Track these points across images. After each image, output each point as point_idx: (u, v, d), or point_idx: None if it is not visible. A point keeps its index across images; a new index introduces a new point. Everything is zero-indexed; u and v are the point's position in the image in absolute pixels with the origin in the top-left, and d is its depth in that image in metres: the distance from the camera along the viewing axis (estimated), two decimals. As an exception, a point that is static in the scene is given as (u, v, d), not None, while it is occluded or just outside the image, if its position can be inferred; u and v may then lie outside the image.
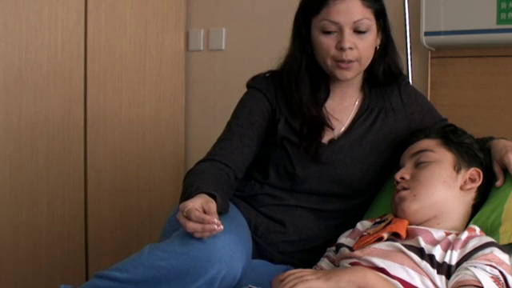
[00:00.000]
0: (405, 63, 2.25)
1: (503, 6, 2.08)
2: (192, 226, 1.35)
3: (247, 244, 1.52)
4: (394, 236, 1.43)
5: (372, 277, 1.29)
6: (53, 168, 2.36)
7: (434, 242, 1.38)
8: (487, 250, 1.33)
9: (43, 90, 2.32)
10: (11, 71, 2.23)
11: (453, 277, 1.30)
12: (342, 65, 1.60)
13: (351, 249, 1.48)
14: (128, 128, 2.61)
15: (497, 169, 1.56)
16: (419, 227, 1.44)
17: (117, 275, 1.41)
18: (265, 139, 1.72)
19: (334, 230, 1.65)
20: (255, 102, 1.72)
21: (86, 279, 2.42)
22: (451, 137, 1.56)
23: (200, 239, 1.38)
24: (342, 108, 1.72)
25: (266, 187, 1.71)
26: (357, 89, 1.74)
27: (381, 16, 1.65)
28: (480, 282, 1.25)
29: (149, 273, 1.39)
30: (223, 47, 2.83)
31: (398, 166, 1.60)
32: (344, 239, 1.56)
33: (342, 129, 1.71)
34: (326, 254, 1.60)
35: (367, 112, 1.72)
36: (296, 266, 1.53)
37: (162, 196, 2.71)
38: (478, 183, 1.52)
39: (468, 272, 1.28)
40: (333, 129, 1.69)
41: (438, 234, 1.41)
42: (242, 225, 1.61)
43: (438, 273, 1.32)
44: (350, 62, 1.60)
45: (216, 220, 1.35)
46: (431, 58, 2.29)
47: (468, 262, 1.31)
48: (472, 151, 1.55)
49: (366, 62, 1.65)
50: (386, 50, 1.70)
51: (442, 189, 1.48)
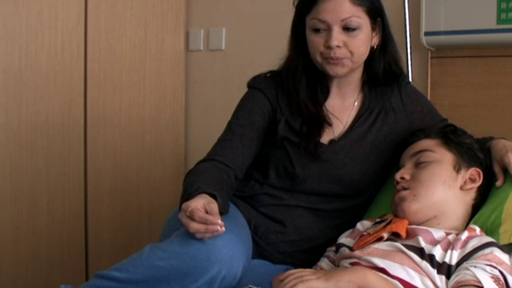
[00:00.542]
0: (405, 63, 2.25)
1: (503, 5, 2.08)
2: (195, 226, 1.35)
3: (247, 244, 1.52)
4: (394, 236, 1.43)
5: (372, 277, 1.29)
6: (53, 168, 2.36)
7: (434, 242, 1.38)
8: (487, 250, 1.33)
9: (43, 90, 2.32)
10: (11, 71, 2.23)
11: (453, 277, 1.30)
12: (331, 60, 1.61)
13: (351, 249, 1.48)
14: (128, 128, 2.61)
15: (497, 169, 1.56)
16: (419, 227, 1.44)
17: (117, 275, 1.41)
18: (265, 139, 1.72)
19: (334, 230, 1.65)
20: (256, 102, 1.72)
21: (86, 279, 2.42)
22: (451, 137, 1.56)
23: (200, 239, 1.38)
24: (343, 108, 1.72)
25: (266, 187, 1.71)
26: (356, 88, 1.74)
27: (376, 14, 1.64)
28: (480, 282, 1.25)
29: (149, 273, 1.39)
30: (223, 47, 2.83)
31: (397, 166, 1.60)
32: (344, 239, 1.56)
33: (343, 129, 1.71)
34: (326, 253, 1.60)
35: (367, 112, 1.72)
36: (296, 266, 1.53)
37: (162, 196, 2.71)
38: (478, 183, 1.52)
39: (468, 272, 1.28)
40: (331, 125, 1.69)
41: (438, 233, 1.41)
42: (242, 225, 1.61)
43: (438, 273, 1.32)
44: (339, 58, 1.61)
45: (219, 221, 1.35)
46: (431, 57, 2.29)
47: (468, 261, 1.31)
48: (472, 151, 1.55)
49: (359, 59, 1.65)
50: (385, 49, 1.69)
51: (442, 189, 1.48)
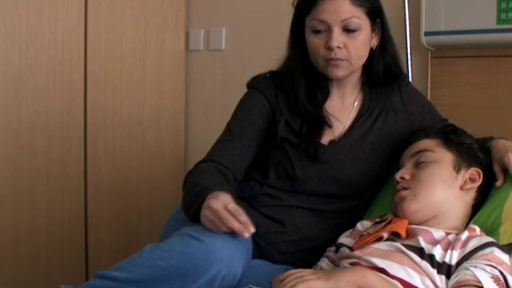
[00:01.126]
0: (405, 63, 2.25)
1: (503, 5, 2.08)
2: (237, 225, 1.37)
3: (247, 244, 1.52)
4: (394, 236, 1.43)
5: (372, 277, 1.29)
6: (53, 168, 2.36)
7: (434, 242, 1.38)
8: (487, 250, 1.33)
9: (43, 90, 2.32)
10: (11, 71, 2.23)
11: (453, 277, 1.30)
12: (332, 62, 1.61)
13: (351, 249, 1.48)
14: (128, 128, 2.61)
15: (497, 169, 1.56)
16: (419, 227, 1.44)
17: (117, 275, 1.41)
18: (264, 140, 1.72)
19: (334, 230, 1.64)
20: (255, 103, 1.72)
21: (86, 279, 2.42)
22: (451, 137, 1.56)
23: (200, 239, 1.38)
24: (342, 107, 1.72)
25: (266, 188, 1.70)
26: (355, 88, 1.73)
27: (375, 15, 1.64)
28: (480, 282, 1.25)
29: (149, 272, 1.39)
30: (223, 47, 2.83)
31: (398, 166, 1.60)
32: (344, 239, 1.56)
33: (343, 129, 1.70)
34: (326, 253, 1.60)
35: (368, 112, 1.72)
36: (296, 266, 1.53)
37: (162, 196, 2.71)
38: (478, 183, 1.52)
39: (468, 272, 1.28)
40: (330, 126, 1.68)
41: (438, 233, 1.41)
42: (242, 225, 1.61)
43: (438, 273, 1.32)
44: (339, 60, 1.60)
45: (252, 228, 1.38)
46: (431, 57, 2.29)
47: (468, 261, 1.31)
48: (472, 151, 1.55)
49: (358, 61, 1.64)
50: (384, 50, 1.69)
51: (441, 189, 1.48)
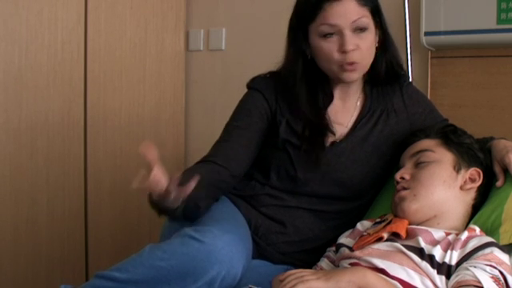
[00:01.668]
0: (405, 63, 2.25)
1: (503, 5, 2.07)
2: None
3: (247, 244, 1.52)
4: (394, 236, 1.43)
5: (372, 277, 1.28)
6: (53, 168, 2.36)
7: (434, 242, 1.38)
8: (487, 250, 1.33)
9: (43, 90, 2.31)
10: (11, 71, 2.22)
11: (453, 277, 1.30)
12: (347, 67, 1.59)
13: (351, 249, 1.48)
14: (128, 128, 2.61)
15: (497, 169, 1.56)
16: (419, 227, 1.44)
17: (117, 275, 1.41)
18: (265, 141, 1.71)
19: (335, 231, 1.64)
20: (254, 104, 1.72)
21: (86, 279, 2.42)
22: (451, 137, 1.56)
23: (200, 240, 1.38)
24: (344, 109, 1.72)
25: (267, 188, 1.70)
26: (358, 89, 1.73)
27: (376, 13, 1.64)
28: (480, 282, 1.25)
29: (149, 273, 1.39)
30: (223, 47, 2.82)
31: (398, 166, 1.60)
32: (344, 239, 1.56)
33: (344, 131, 1.70)
34: (326, 254, 1.60)
35: (369, 114, 1.71)
36: (296, 267, 1.53)
37: (161, 196, 2.71)
38: (478, 183, 1.52)
39: (468, 272, 1.28)
40: (334, 133, 1.68)
41: (437, 234, 1.41)
42: (241, 225, 1.61)
43: (438, 273, 1.32)
44: (355, 63, 1.59)
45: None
46: (431, 57, 2.28)
47: (468, 262, 1.31)
48: (472, 151, 1.55)
49: (369, 61, 1.64)
50: (384, 47, 1.68)
51: (442, 189, 1.48)
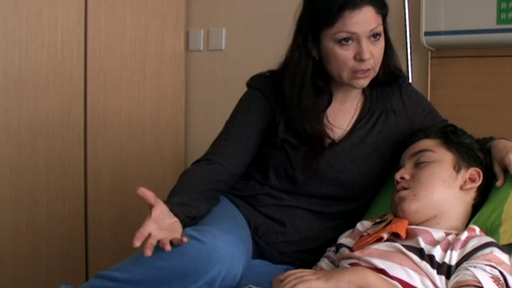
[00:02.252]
0: (405, 63, 2.25)
1: (503, 5, 2.07)
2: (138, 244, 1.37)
3: (247, 244, 1.52)
4: (394, 236, 1.43)
5: (372, 277, 1.28)
6: (53, 168, 2.36)
7: (434, 243, 1.38)
8: (487, 250, 1.33)
9: (43, 89, 2.31)
10: (11, 71, 2.22)
11: (453, 277, 1.30)
12: (360, 75, 1.58)
13: (351, 249, 1.48)
14: (128, 128, 2.61)
15: (497, 169, 1.56)
16: (419, 227, 1.44)
17: (117, 275, 1.41)
18: (265, 140, 1.71)
19: (334, 231, 1.64)
20: (254, 102, 1.72)
21: (86, 279, 2.42)
22: (451, 137, 1.56)
23: (201, 240, 1.38)
24: (342, 111, 1.71)
25: (267, 188, 1.70)
26: (358, 91, 1.72)
27: (385, 19, 1.64)
28: (480, 282, 1.25)
29: (149, 273, 1.39)
30: (223, 47, 2.82)
31: (398, 166, 1.60)
32: (344, 239, 1.56)
33: (343, 132, 1.70)
34: (326, 254, 1.60)
35: (368, 114, 1.71)
36: (296, 266, 1.53)
37: (162, 196, 2.66)
38: (478, 183, 1.52)
39: (468, 272, 1.28)
40: (333, 139, 1.68)
41: (437, 234, 1.41)
42: (241, 225, 1.62)
43: (438, 273, 1.32)
44: (368, 70, 1.59)
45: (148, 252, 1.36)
46: (431, 58, 2.29)
47: (468, 262, 1.31)
48: (472, 151, 1.55)
49: (379, 67, 1.63)
50: (385, 51, 1.69)
51: (441, 189, 1.48)
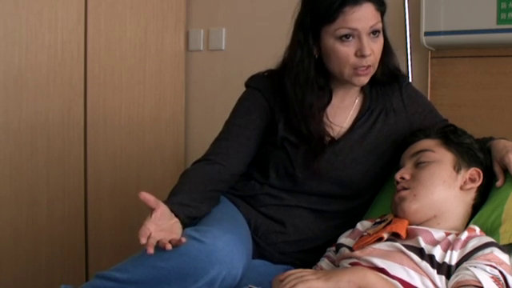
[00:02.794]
0: (405, 63, 2.25)
1: (503, 5, 2.08)
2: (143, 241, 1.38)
3: (247, 244, 1.52)
4: (394, 236, 1.43)
5: (372, 277, 1.28)
6: (53, 168, 2.36)
7: (434, 242, 1.38)
8: (487, 250, 1.33)
9: (43, 89, 2.31)
10: (11, 71, 2.22)
11: (453, 277, 1.30)
12: (361, 71, 1.59)
13: (351, 249, 1.48)
14: (128, 128, 2.61)
15: (497, 169, 1.56)
16: (419, 227, 1.44)
17: (117, 276, 1.41)
18: (264, 139, 1.72)
19: (334, 231, 1.64)
20: (253, 102, 1.72)
21: (86, 279, 2.42)
22: (451, 137, 1.56)
23: (201, 240, 1.38)
24: (341, 108, 1.71)
25: (267, 187, 1.70)
26: (357, 89, 1.73)
27: (383, 17, 1.64)
28: (480, 282, 1.25)
29: (149, 273, 1.39)
30: (223, 47, 2.82)
31: (398, 166, 1.60)
32: (344, 239, 1.56)
33: (343, 130, 1.70)
34: (326, 254, 1.60)
35: (368, 113, 1.71)
36: (296, 266, 1.53)
37: (162, 196, 2.67)
38: (478, 183, 1.52)
39: (468, 272, 1.28)
40: (333, 137, 1.68)
41: (437, 234, 1.41)
42: (241, 225, 1.62)
43: (438, 273, 1.32)
44: (370, 67, 1.60)
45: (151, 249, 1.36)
46: (431, 57, 2.29)
47: (468, 262, 1.31)
48: (472, 151, 1.55)
49: (377, 64, 1.64)
50: (383, 50, 1.69)
51: (442, 189, 1.48)
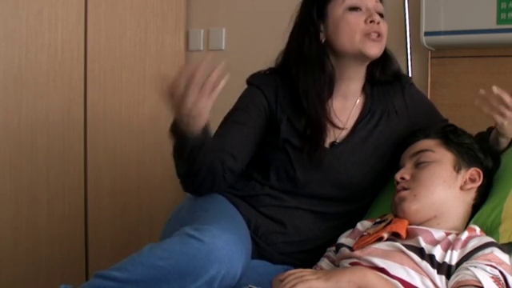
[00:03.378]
0: (405, 63, 2.25)
1: (503, 5, 2.08)
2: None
3: (247, 244, 1.52)
4: (394, 236, 1.43)
5: (372, 277, 1.29)
6: (53, 167, 2.36)
7: (434, 242, 1.38)
8: (487, 250, 1.33)
9: (43, 89, 2.31)
10: (11, 71, 2.22)
11: (453, 277, 1.30)
12: (373, 37, 1.62)
13: (351, 249, 1.48)
14: (128, 127, 2.61)
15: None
16: (419, 227, 1.44)
17: (116, 275, 1.41)
18: (266, 140, 1.71)
19: (334, 231, 1.64)
20: (253, 100, 1.71)
21: (86, 279, 2.42)
22: (451, 137, 1.56)
23: (200, 239, 1.38)
24: (344, 107, 1.71)
25: (267, 188, 1.70)
26: (359, 88, 1.73)
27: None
28: (480, 282, 1.25)
29: (148, 272, 1.39)
30: (223, 47, 2.82)
31: (398, 167, 1.60)
32: (344, 239, 1.56)
33: (344, 132, 1.70)
34: (326, 254, 1.60)
35: (369, 114, 1.71)
36: (296, 266, 1.52)
37: (162, 195, 2.71)
38: (478, 183, 1.52)
39: (468, 272, 1.28)
40: (338, 127, 1.68)
41: (438, 233, 1.41)
42: (240, 225, 1.61)
43: (438, 273, 1.32)
44: (379, 35, 1.62)
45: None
46: (431, 57, 2.29)
47: (468, 261, 1.31)
48: (472, 151, 1.55)
49: (385, 43, 1.66)
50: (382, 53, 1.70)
51: (442, 189, 1.48)
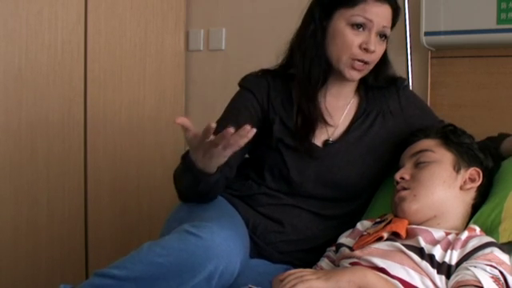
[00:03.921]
0: (405, 63, 2.25)
1: (503, 6, 2.08)
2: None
3: (245, 241, 1.52)
4: (394, 236, 1.43)
5: (372, 276, 1.29)
6: (53, 167, 2.36)
7: (434, 242, 1.38)
8: (487, 250, 1.33)
9: (43, 89, 2.31)
10: (11, 71, 2.22)
11: (453, 277, 1.30)
12: (357, 65, 1.60)
13: (351, 249, 1.48)
14: (128, 128, 2.61)
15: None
16: (419, 227, 1.44)
17: (115, 273, 1.41)
18: (259, 141, 1.70)
19: (334, 230, 1.64)
20: (243, 103, 1.71)
21: (86, 279, 2.41)
22: (451, 137, 1.56)
23: (198, 235, 1.38)
24: (336, 107, 1.71)
25: (264, 188, 1.70)
26: (352, 90, 1.73)
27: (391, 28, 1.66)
28: (480, 282, 1.25)
29: (147, 270, 1.39)
30: (223, 47, 2.83)
31: (398, 166, 1.60)
32: (344, 239, 1.56)
33: (338, 132, 1.70)
34: (326, 253, 1.60)
35: (364, 115, 1.71)
36: (295, 266, 1.53)
37: (162, 196, 2.71)
38: (478, 183, 1.52)
39: (468, 272, 1.28)
40: (328, 123, 1.67)
41: (438, 233, 1.41)
42: (239, 223, 1.61)
43: (438, 273, 1.32)
44: (366, 63, 1.60)
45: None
46: (431, 57, 2.29)
47: (468, 261, 1.31)
48: (472, 151, 1.55)
49: (372, 66, 1.65)
50: (381, 60, 1.69)
51: (441, 189, 1.48)
